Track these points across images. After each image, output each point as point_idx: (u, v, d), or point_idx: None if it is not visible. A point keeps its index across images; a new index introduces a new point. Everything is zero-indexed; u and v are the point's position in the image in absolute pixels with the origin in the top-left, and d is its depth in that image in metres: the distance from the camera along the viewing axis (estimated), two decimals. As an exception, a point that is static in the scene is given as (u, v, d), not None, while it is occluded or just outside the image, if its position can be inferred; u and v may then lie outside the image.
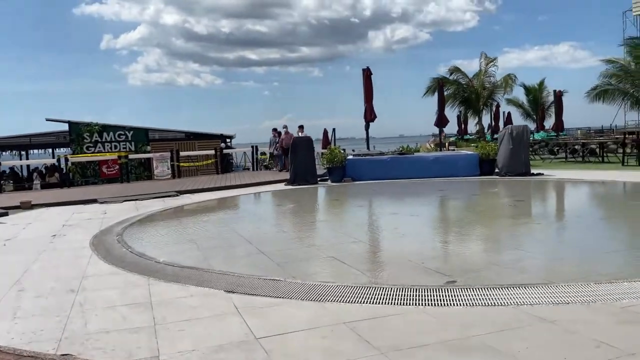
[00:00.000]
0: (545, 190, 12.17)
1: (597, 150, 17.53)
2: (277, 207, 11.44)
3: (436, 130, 22.70)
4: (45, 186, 20.94)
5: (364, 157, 15.62)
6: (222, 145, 24.39)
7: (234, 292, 4.53)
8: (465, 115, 33.45)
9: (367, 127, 16.98)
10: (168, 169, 18.77)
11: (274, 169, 19.48)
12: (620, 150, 18.30)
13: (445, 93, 23.75)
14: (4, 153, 31.90)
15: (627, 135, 16.74)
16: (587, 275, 4.65)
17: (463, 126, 34.06)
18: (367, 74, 16.69)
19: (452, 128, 34.74)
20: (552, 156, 19.37)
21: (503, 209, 9.20)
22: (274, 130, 19.70)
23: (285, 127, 19.11)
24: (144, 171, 21.80)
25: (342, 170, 14.88)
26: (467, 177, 14.31)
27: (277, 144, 18.91)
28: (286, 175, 15.97)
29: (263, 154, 21.88)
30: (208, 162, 21.74)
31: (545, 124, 33.67)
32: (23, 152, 31.36)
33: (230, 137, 28.47)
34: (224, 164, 21.95)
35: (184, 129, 26.35)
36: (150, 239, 7.67)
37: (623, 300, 3.88)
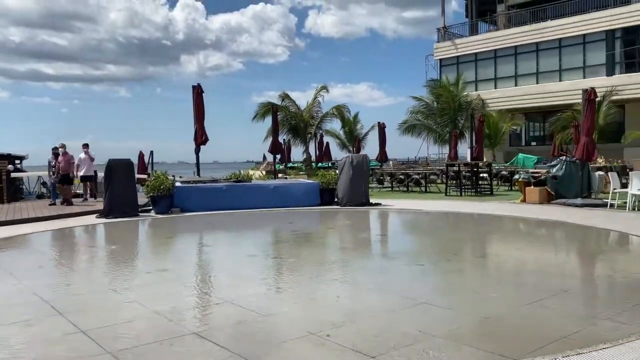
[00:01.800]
0: (396, 223, 11.78)
1: (421, 180, 18.26)
2: (93, 250, 8.73)
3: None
4: None
5: (194, 185, 13.74)
6: (10, 167, 19.95)
7: None
8: (289, 143, 33.56)
9: (197, 151, 15.08)
10: None
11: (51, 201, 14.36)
12: (439, 181, 19.49)
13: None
14: None
15: (448, 167, 17.72)
16: (539, 342, 3.69)
17: (287, 154, 33.90)
18: (197, 91, 14.87)
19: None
20: (380, 185, 19.77)
21: (372, 246, 8.26)
22: (54, 149, 14.91)
23: (63, 146, 14.71)
24: None
25: (169, 200, 12.83)
26: (308, 207, 13.48)
27: (54, 168, 14.49)
28: (96, 205, 13.25)
29: None
30: (-11, 188, 17.47)
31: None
32: None
33: (21, 158, 23.93)
34: (12, 191, 17.83)
35: (-44, 145, 21.25)
36: None
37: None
